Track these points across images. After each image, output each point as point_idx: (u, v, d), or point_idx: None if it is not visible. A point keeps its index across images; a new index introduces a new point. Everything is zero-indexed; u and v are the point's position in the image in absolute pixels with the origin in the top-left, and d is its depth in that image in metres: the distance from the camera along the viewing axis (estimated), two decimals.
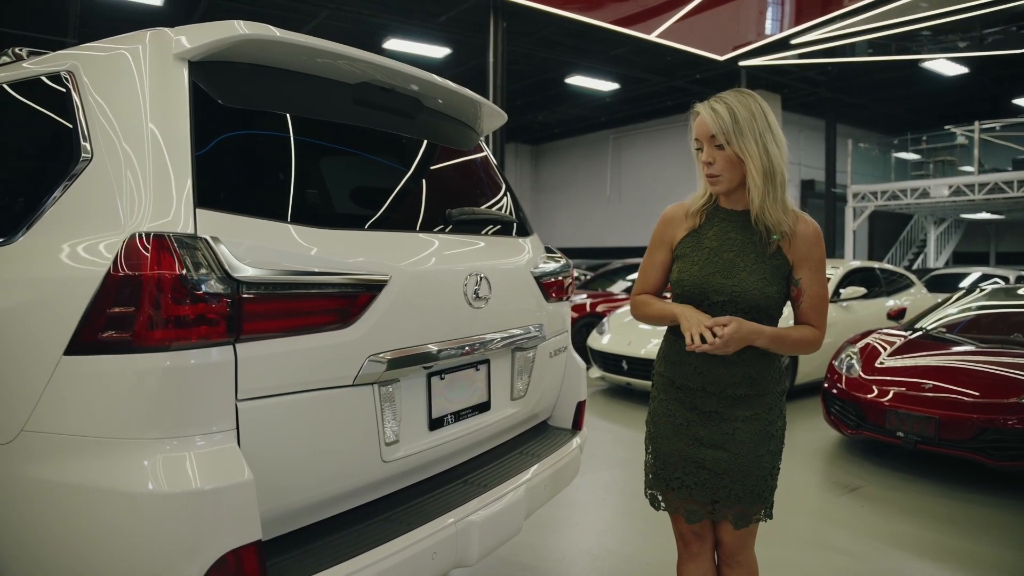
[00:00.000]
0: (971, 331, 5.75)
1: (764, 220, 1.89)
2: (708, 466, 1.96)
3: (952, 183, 16.45)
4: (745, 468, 1.94)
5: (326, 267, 1.67)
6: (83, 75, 1.79)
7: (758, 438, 1.96)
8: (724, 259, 1.93)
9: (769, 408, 1.98)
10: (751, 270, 1.90)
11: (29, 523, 1.52)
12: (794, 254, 1.92)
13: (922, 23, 12.78)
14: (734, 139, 1.86)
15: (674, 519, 2.12)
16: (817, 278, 1.94)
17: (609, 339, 7.28)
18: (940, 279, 12.35)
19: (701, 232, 1.99)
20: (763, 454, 1.96)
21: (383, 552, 1.69)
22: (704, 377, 1.96)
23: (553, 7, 11.59)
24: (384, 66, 2.06)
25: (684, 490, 1.99)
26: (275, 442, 1.58)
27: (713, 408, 1.97)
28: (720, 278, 1.91)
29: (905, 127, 20.14)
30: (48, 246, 1.61)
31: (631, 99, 19.57)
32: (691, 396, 1.99)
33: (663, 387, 2.08)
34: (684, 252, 2.00)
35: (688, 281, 1.95)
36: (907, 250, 21.86)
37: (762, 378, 1.96)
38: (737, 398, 1.95)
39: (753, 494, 1.96)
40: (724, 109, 1.87)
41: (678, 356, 2.02)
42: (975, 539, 3.73)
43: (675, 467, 2.01)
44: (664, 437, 2.04)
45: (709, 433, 1.96)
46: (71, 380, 1.47)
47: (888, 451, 5.22)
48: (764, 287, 1.89)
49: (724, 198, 2.00)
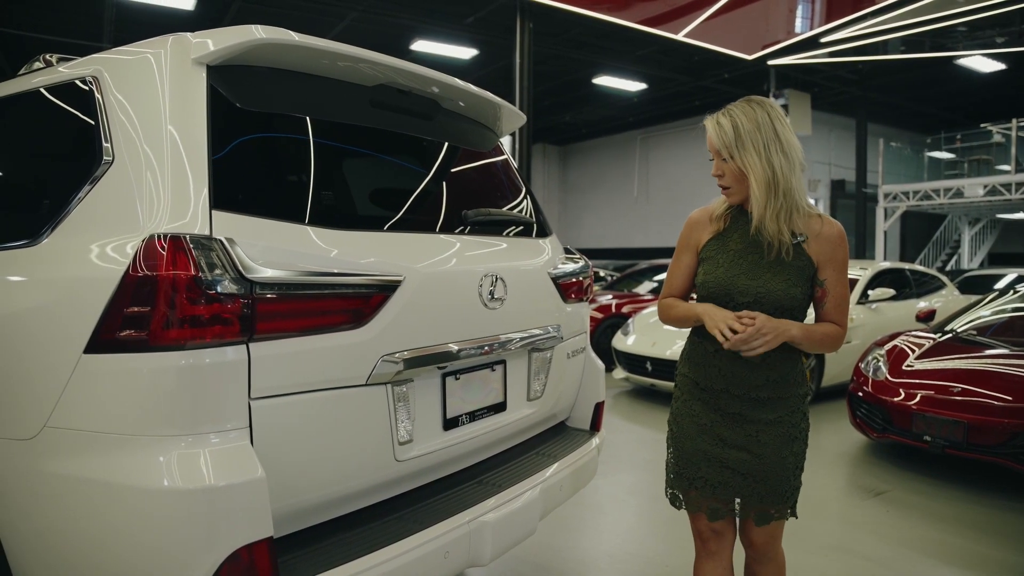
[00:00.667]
0: (1004, 334, 5.62)
1: (764, 232, 1.92)
2: (731, 465, 1.99)
3: (988, 182, 16.07)
4: (768, 470, 1.98)
5: (339, 268, 1.69)
6: (107, 79, 1.83)
7: (781, 440, 1.99)
8: (749, 261, 1.96)
9: (792, 411, 2.01)
10: (775, 271, 1.92)
11: (50, 516, 1.57)
12: (819, 255, 1.95)
13: (958, 19, 12.50)
14: (736, 153, 1.91)
15: (694, 517, 2.13)
16: (841, 279, 1.97)
17: (634, 340, 7.25)
18: (974, 280, 12.08)
19: (726, 235, 2.03)
20: (786, 456, 1.99)
21: (395, 551, 1.71)
22: (728, 379, 1.98)
23: (580, 7, 11.55)
24: (401, 68, 2.08)
25: (707, 488, 2.02)
26: (287, 440, 1.60)
27: (737, 410, 1.99)
28: (745, 279, 1.94)
29: (939, 125, 19.73)
30: (71, 247, 1.65)
31: (659, 99, 19.43)
32: (715, 397, 2.02)
33: (687, 388, 2.10)
34: (709, 255, 2.04)
35: (713, 283, 1.98)
36: (940, 251, 21.41)
37: (785, 380, 1.98)
38: (761, 400, 1.98)
39: (776, 494, 2.00)
40: (728, 123, 1.92)
41: (702, 358, 2.04)
42: (1003, 547, 3.65)
43: (698, 466, 2.03)
44: (687, 437, 2.06)
45: (733, 434, 2.00)
46: (90, 378, 1.51)
47: (915, 456, 5.12)
48: (789, 288, 1.92)
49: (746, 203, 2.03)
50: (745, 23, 12.76)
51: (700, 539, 2.14)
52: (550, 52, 14.75)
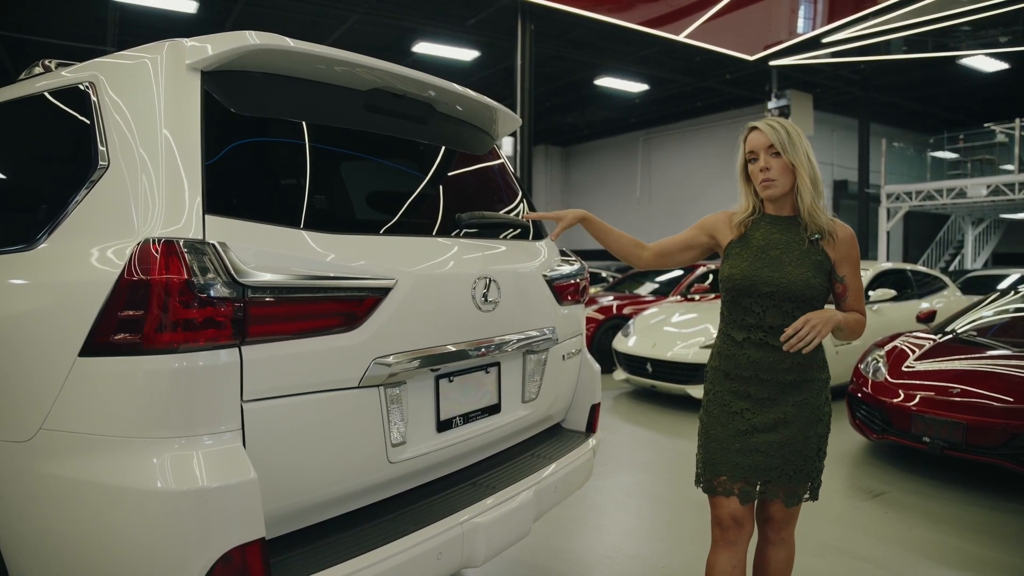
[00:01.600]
0: (1004, 335, 5.61)
1: (814, 219, 2.14)
2: (761, 449, 2.15)
3: (991, 182, 16.05)
4: (795, 448, 2.15)
5: (332, 271, 1.71)
6: (103, 84, 1.85)
7: (807, 421, 2.16)
8: (771, 256, 2.15)
9: (817, 393, 2.19)
10: (796, 264, 2.12)
11: (45, 517, 1.58)
12: (836, 254, 2.16)
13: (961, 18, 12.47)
14: (789, 149, 2.12)
15: (716, 503, 2.23)
16: (856, 274, 2.20)
17: (635, 342, 7.26)
18: (977, 281, 12.06)
19: (747, 235, 2.22)
20: (811, 436, 2.17)
21: (387, 551, 1.72)
22: (757, 366, 2.16)
23: (581, 9, 11.57)
24: (395, 72, 2.10)
25: (738, 472, 2.16)
26: (280, 442, 1.62)
27: (766, 395, 2.16)
28: (768, 272, 2.12)
29: (941, 125, 19.70)
30: (66, 251, 1.67)
31: (660, 100, 19.44)
32: (745, 385, 2.19)
33: (717, 380, 2.27)
34: (733, 252, 2.23)
35: (739, 275, 2.16)
36: (943, 251, 21.37)
37: (809, 364, 2.17)
38: (788, 384, 2.15)
39: (802, 473, 2.17)
40: (779, 125, 2.15)
41: (731, 349, 2.22)
42: (1001, 548, 3.65)
43: (730, 451, 2.18)
44: (719, 424, 2.22)
45: (762, 419, 2.16)
46: (85, 381, 1.53)
47: (914, 457, 5.12)
48: (809, 278, 2.11)
49: (771, 205, 2.22)
50: (747, 24, 12.76)
51: (720, 527, 2.22)
52: (552, 53, 14.77)
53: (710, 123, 21.01)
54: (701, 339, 6.76)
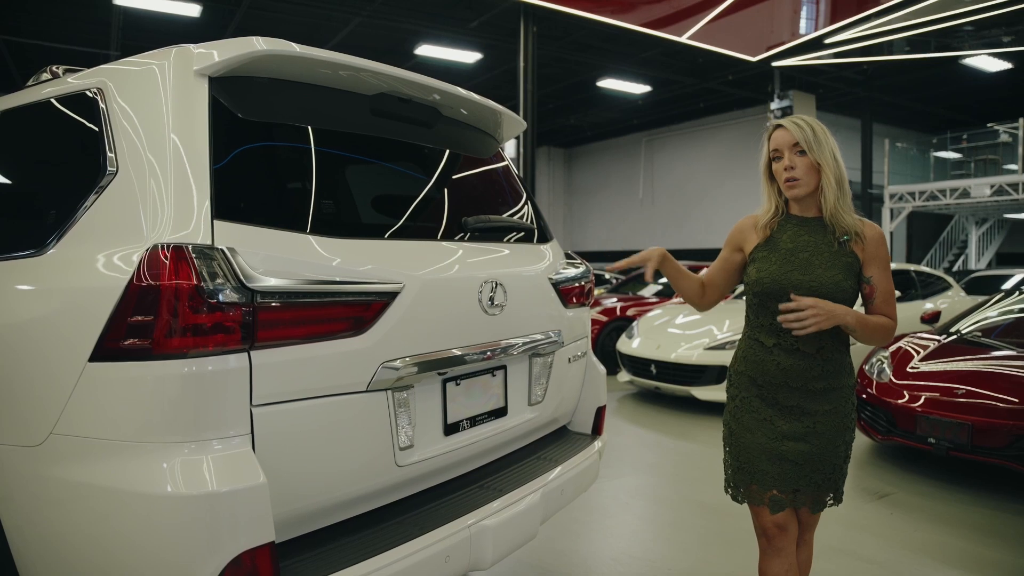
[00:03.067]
0: (1009, 335, 5.60)
1: (838, 220, 2.09)
2: (791, 457, 2.10)
3: (994, 182, 16.01)
4: (824, 458, 2.11)
5: (340, 276, 1.72)
6: (111, 91, 1.86)
7: (836, 430, 2.12)
8: (800, 258, 2.10)
9: (845, 400, 2.15)
10: (826, 267, 2.07)
11: (56, 521, 1.59)
12: (865, 254, 2.11)
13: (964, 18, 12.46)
14: (815, 148, 2.08)
15: (757, 513, 2.20)
16: (886, 275, 2.12)
17: (638, 343, 7.26)
18: (981, 281, 12.01)
19: (774, 238, 2.17)
20: (840, 444, 2.14)
21: (395, 555, 1.73)
22: (786, 373, 2.10)
23: (584, 11, 11.58)
24: (401, 77, 2.11)
25: (768, 480, 2.12)
26: (289, 446, 1.63)
27: (795, 403, 2.11)
28: (798, 275, 2.07)
29: (945, 125, 19.68)
30: (76, 257, 1.68)
31: (663, 101, 19.45)
32: (773, 392, 2.13)
33: (744, 385, 2.21)
34: (760, 255, 2.17)
35: (768, 279, 2.11)
36: (947, 251, 21.33)
37: (838, 371, 2.12)
38: (817, 392, 2.10)
39: (829, 481, 2.14)
40: (804, 123, 2.11)
41: (760, 355, 2.16)
42: (1007, 549, 3.64)
43: (759, 460, 2.14)
44: (747, 431, 2.17)
45: (791, 427, 2.12)
46: (95, 386, 1.54)
47: (919, 458, 5.12)
48: (840, 281, 2.05)
49: (796, 205, 2.18)
50: (749, 25, 12.76)
51: (766, 537, 2.20)
52: (554, 55, 14.78)
53: (713, 124, 21.00)
54: (705, 340, 6.76)
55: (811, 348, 2.08)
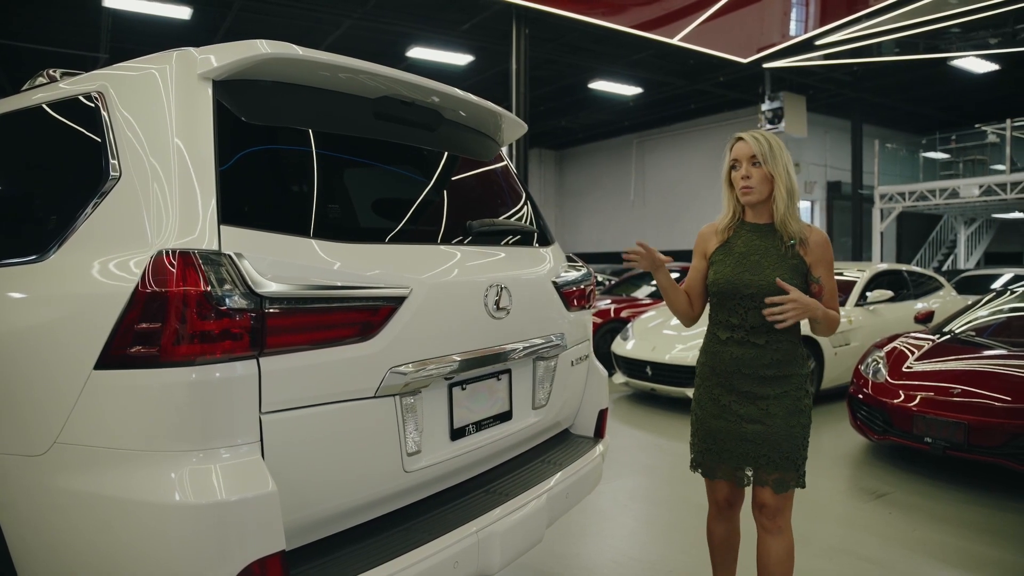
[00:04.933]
0: (1002, 335, 5.64)
1: (787, 226, 2.34)
2: (749, 438, 2.35)
3: (983, 182, 16.13)
4: (779, 438, 2.33)
5: (347, 281, 1.70)
6: (112, 95, 1.84)
7: (788, 412, 2.34)
8: (751, 260, 2.35)
9: (796, 387, 2.37)
10: (774, 268, 2.31)
11: (61, 532, 1.57)
12: (810, 257, 2.35)
13: (951, 20, 12.55)
14: (769, 160, 2.32)
15: (712, 487, 2.52)
16: (830, 275, 2.39)
17: (633, 345, 7.27)
18: (970, 280, 12.11)
19: (730, 242, 2.42)
20: (794, 426, 2.34)
21: (405, 562, 1.71)
22: (739, 362, 2.37)
23: (575, 13, 11.60)
24: (404, 80, 2.09)
25: (732, 458, 2.39)
26: (298, 454, 1.61)
27: (748, 388, 2.36)
28: (749, 275, 2.33)
29: (934, 126, 19.79)
30: (79, 263, 1.66)
31: (654, 103, 19.49)
32: (729, 379, 2.39)
33: (705, 375, 2.48)
34: (717, 259, 2.43)
35: (723, 280, 2.38)
36: (936, 251, 21.47)
37: (787, 362, 2.35)
38: (768, 378, 2.34)
39: (788, 460, 2.33)
40: (762, 138, 2.35)
41: (716, 347, 2.45)
42: (1005, 547, 3.66)
43: (723, 441, 2.40)
44: (711, 417, 2.43)
45: (747, 410, 2.36)
46: (101, 394, 1.52)
47: (916, 457, 5.14)
48: (787, 281, 2.27)
49: (751, 212, 2.43)
50: (740, 26, 12.81)
51: (716, 506, 2.54)
52: (546, 57, 14.79)
53: (704, 126, 21.06)
54: (700, 342, 6.76)
55: (760, 340, 2.34)
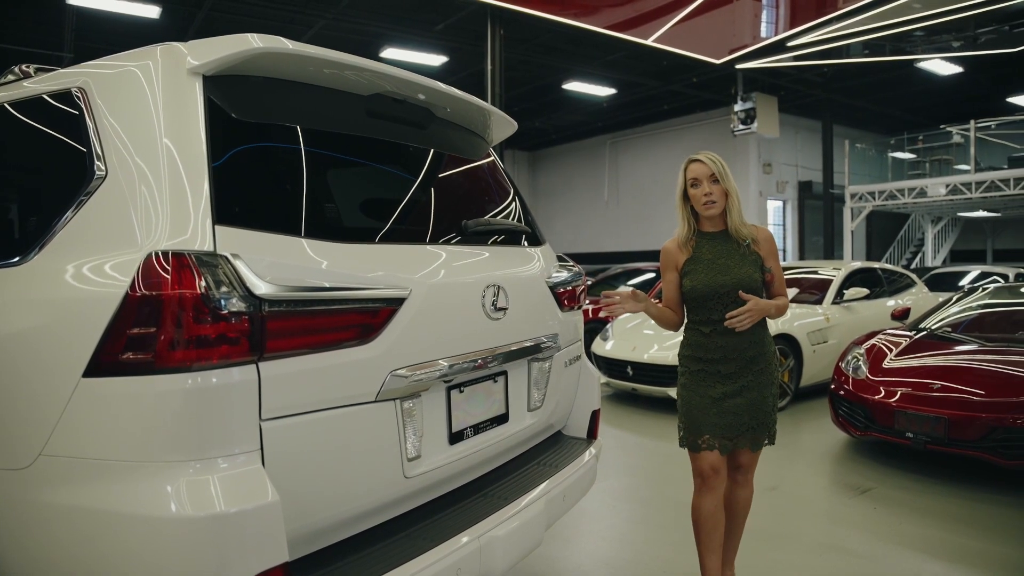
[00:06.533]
0: (975, 330, 5.74)
1: (740, 230, 2.74)
2: (733, 411, 2.70)
3: (949, 182, 16.44)
4: (758, 406, 2.73)
5: (347, 282, 1.65)
6: (95, 92, 1.77)
7: (763, 384, 2.75)
8: (720, 264, 2.71)
9: (769, 362, 2.79)
10: (740, 266, 2.70)
11: (48, 549, 1.50)
12: (762, 252, 2.76)
13: (916, 24, 12.79)
14: (725, 177, 2.71)
15: (699, 459, 2.75)
16: (778, 265, 2.82)
17: (613, 345, 7.26)
18: (940, 278, 12.33)
19: (697, 253, 2.77)
20: (768, 396, 2.77)
21: (409, 570, 1.67)
22: (725, 350, 2.71)
23: (550, 13, 11.59)
24: (398, 77, 2.05)
25: (718, 430, 2.70)
26: (300, 462, 1.56)
27: (733, 370, 2.72)
28: (722, 277, 2.68)
29: (901, 127, 20.14)
30: (63, 266, 1.59)
31: (628, 104, 19.57)
32: (716, 365, 2.73)
33: (691, 363, 2.80)
34: (690, 268, 2.76)
35: (701, 285, 2.71)
36: (905, 249, 21.84)
37: (762, 341, 2.76)
38: (749, 359, 2.72)
39: (763, 425, 2.76)
40: (715, 159, 2.72)
41: (701, 339, 2.76)
42: (987, 539, 3.71)
43: (710, 416, 2.71)
44: (698, 396, 2.74)
45: (728, 388, 2.71)
46: (90, 402, 1.45)
47: (898, 452, 5.20)
48: (752, 274, 2.70)
49: (706, 223, 2.78)
50: (713, 28, 12.91)
51: (702, 477, 2.76)
52: (520, 58, 14.77)
53: (677, 126, 21.20)
54: (679, 340, 6.77)
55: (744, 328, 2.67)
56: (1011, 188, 15.30)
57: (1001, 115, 17.61)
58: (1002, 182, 15.48)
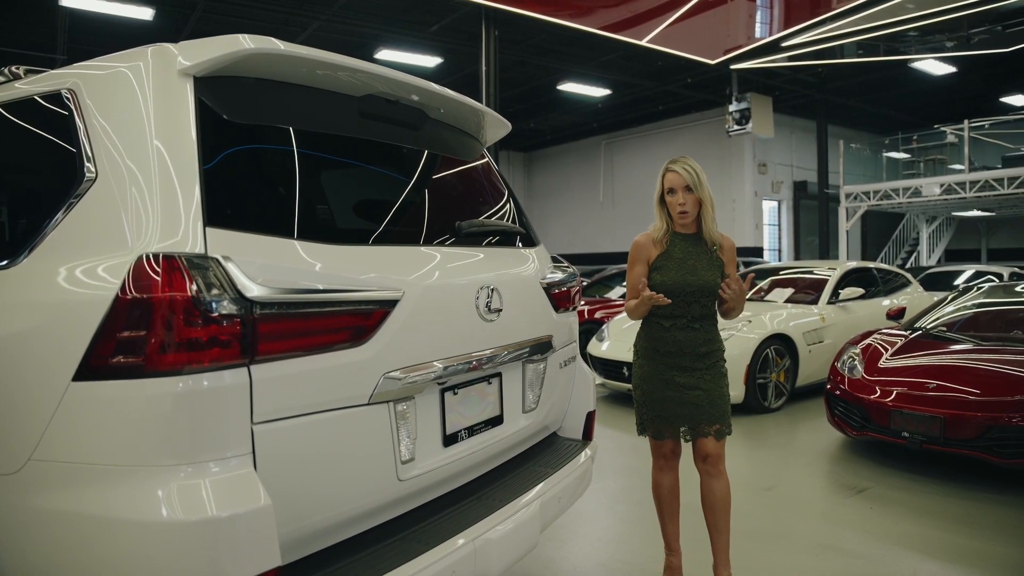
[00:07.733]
0: (970, 329, 5.74)
1: (711, 235, 2.90)
2: (692, 401, 2.87)
3: (943, 181, 16.49)
4: (714, 398, 2.88)
5: (339, 284, 1.64)
6: (85, 93, 1.76)
7: (716, 378, 2.92)
8: (689, 264, 2.86)
9: (720, 359, 2.96)
10: (706, 270, 2.86)
11: (39, 555, 1.48)
12: (725, 258, 2.95)
13: (909, 24, 12.82)
14: (699, 187, 2.85)
15: (658, 445, 3.02)
16: (735, 272, 2.95)
17: (609, 346, 7.26)
18: (935, 277, 12.35)
19: (669, 251, 2.90)
20: (723, 387, 2.93)
21: (403, 573, 1.66)
22: (681, 344, 2.88)
23: (545, 14, 11.59)
24: (390, 78, 2.04)
25: (677, 419, 2.91)
26: (292, 465, 1.55)
27: (688, 364, 2.89)
28: (690, 276, 2.84)
29: (896, 127, 20.20)
30: (53, 268, 1.57)
31: (623, 104, 19.60)
32: (671, 358, 2.90)
33: (648, 355, 2.98)
34: (660, 264, 2.89)
35: (670, 281, 2.85)
36: (900, 249, 21.89)
37: (713, 339, 2.94)
38: (702, 354, 2.90)
39: (722, 415, 2.90)
40: (691, 168, 2.86)
41: (660, 333, 2.93)
42: (984, 538, 3.71)
43: (670, 407, 2.90)
44: (657, 389, 2.93)
45: (687, 380, 2.88)
46: (80, 406, 1.44)
47: (894, 452, 5.20)
48: (715, 278, 2.87)
49: (680, 226, 2.92)
50: (708, 28, 12.92)
51: (662, 458, 3.05)
52: (514, 59, 14.78)
53: (672, 127, 21.24)
54: None
55: (697, 325, 2.89)
56: (1005, 187, 15.35)
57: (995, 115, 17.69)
58: (996, 181, 15.52)
